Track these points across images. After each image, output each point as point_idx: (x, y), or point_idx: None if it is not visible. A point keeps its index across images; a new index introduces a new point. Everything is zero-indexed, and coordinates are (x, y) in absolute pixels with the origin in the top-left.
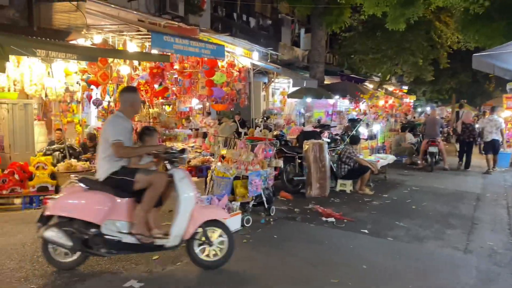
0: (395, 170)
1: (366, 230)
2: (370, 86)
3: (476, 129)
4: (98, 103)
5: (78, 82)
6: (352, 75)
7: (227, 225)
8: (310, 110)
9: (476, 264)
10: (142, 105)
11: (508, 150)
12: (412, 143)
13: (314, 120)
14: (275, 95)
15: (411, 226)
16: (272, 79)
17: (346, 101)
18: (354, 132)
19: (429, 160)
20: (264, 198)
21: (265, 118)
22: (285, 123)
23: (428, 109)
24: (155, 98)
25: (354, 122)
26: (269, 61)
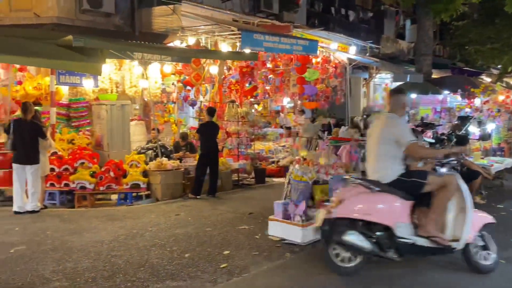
0: None
1: None
2: (488, 79)
3: None
4: (193, 104)
5: (173, 83)
6: (465, 68)
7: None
8: (416, 107)
9: None
10: (231, 104)
11: None
12: None
13: (420, 118)
14: (377, 91)
15: None
16: (373, 75)
17: (458, 96)
18: (463, 131)
19: None
20: None
21: (365, 116)
22: None
23: None
24: (244, 97)
25: (464, 120)
26: (367, 55)
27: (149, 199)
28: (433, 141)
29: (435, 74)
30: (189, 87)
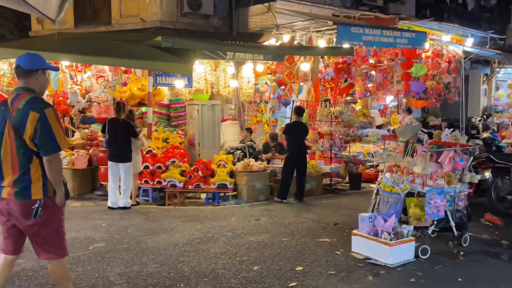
0: None
1: None
2: None
3: None
4: (286, 103)
5: (266, 83)
6: None
7: None
8: None
9: None
10: (324, 103)
11: None
12: None
13: None
14: (501, 88)
15: None
16: (496, 69)
17: None
18: None
19: None
20: (452, 223)
21: (484, 117)
22: (510, 123)
23: None
24: (339, 96)
25: None
26: (488, 47)
27: (235, 200)
28: None
29: None
30: (283, 86)
